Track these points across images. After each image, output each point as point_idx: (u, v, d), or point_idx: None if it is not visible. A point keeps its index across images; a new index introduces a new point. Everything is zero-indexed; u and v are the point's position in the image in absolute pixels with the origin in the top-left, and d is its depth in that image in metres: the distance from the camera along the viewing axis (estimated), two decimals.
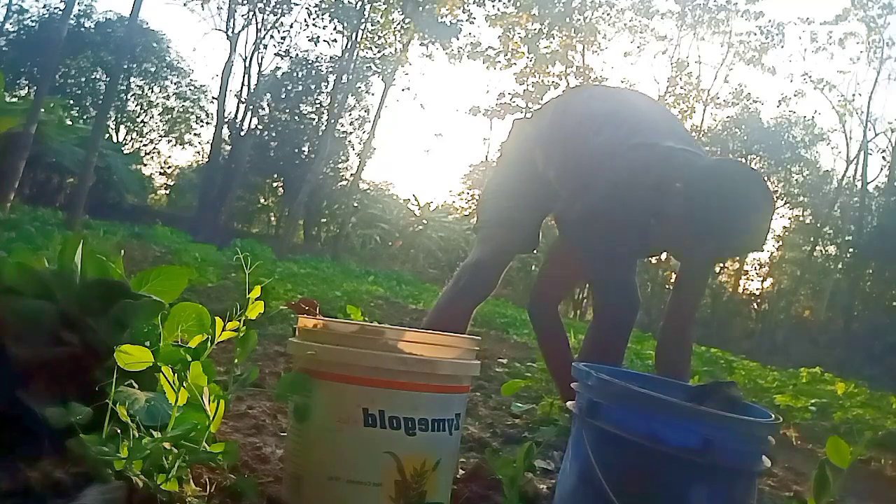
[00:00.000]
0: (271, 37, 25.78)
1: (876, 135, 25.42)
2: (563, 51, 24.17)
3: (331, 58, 26.87)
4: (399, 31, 24.24)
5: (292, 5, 24.78)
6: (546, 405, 2.91)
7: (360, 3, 23.87)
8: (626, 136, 1.85)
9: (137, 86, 30.84)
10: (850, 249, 25.42)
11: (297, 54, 26.99)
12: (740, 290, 28.46)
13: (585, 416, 1.26)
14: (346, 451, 1.39)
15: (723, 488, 1.17)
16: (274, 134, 27.89)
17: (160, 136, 32.81)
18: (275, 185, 30.82)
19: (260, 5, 24.52)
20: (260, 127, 27.86)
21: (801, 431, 4.24)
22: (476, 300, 2.06)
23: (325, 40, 26.82)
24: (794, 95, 26.27)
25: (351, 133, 29.14)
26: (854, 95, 26.65)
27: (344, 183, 28.76)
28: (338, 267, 17.62)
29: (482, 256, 2.02)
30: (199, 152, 33.15)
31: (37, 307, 1.55)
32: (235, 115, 26.25)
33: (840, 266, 26.55)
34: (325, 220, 30.80)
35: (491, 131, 62.84)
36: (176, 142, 32.97)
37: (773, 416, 1.26)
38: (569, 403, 1.36)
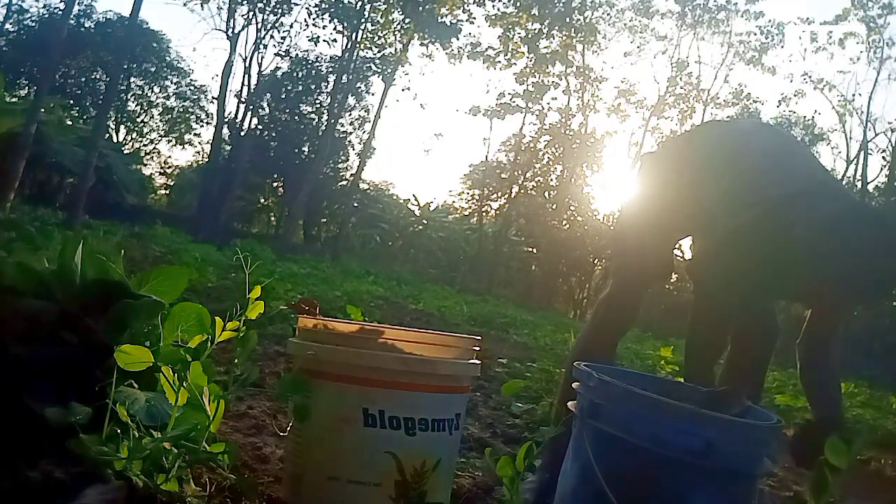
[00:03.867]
0: (271, 37, 25.77)
1: (876, 135, 25.43)
2: (563, 51, 24.16)
3: (331, 58, 26.91)
4: (399, 31, 24.25)
5: (292, 5, 24.76)
6: (546, 405, 2.91)
7: (360, 3, 23.87)
8: (744, 186, 1.79)
9: (137, 86, 30.85)
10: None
11: (297, 54, 27.01)
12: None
13: (586, 417, 1.26)
14: (346, 451, 1.39)
15: (724, 491, 1.16)
16: (274, 134, 27.89)
17: (160, 136, 32.85)
18: (275, 185, 30.82)
19: (260, 5, 24.50)
20: (260, 127, 27.85)
21: None
22: (618, 333, 2.00)
23: (325, 40, 26.88)
24: (794, 95, 26.29)
25: (351, 133, 29.18)
26: (854, 95, 26.71)
27: (344, 183, 28.76)
28: (338, 267, 17.61)
29: (619, 287, 1.96)
30: (199, 152, 33.20)
31: (37, 307, 1.55)
32: (235, 115, 26.25)
33: None
34: (325, 220, 30.81)
35: (491, 131, 63.13)
36: (176, 142, 32.99)
37: (774, 417, 1.25)
38: (570, 404, 1.36)
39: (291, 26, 26.29)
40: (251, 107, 26.35)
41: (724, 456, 1.13)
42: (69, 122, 23.10)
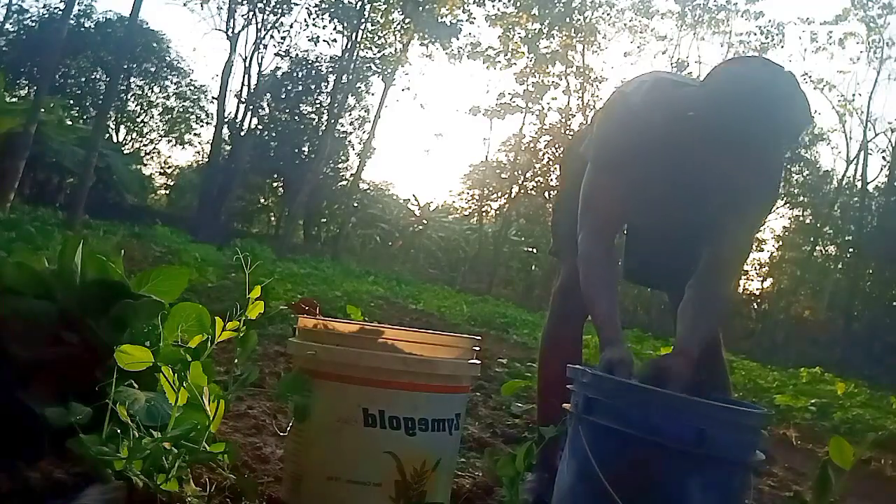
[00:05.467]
0: (271, 37, 25.80)
1: (876, 135, 25.42)
2: (563, 51, 24.15)
3: (331, 58, 26.91)
4: (399, 31, 24.26)
5: (292, 5, 24.79)
6: None
7: (360, 3, 23.87)
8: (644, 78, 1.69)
9: (137, 86, 30.85)
10: (850, 249, 25.41)
11: (297, 54, 27.01)
12: (740, 290, 28.47)
13: (581, 413, 1.27)
14: (346, 451, 1.39)
15: (718, 479, 1.19)
16: (274, 134, 27.88)
17: (160, 136, 32.85)
18: (275, 185, 30.82)
19: (260, 5, 24.52)
20: (260, 127, 27.85)
21: (801, 431, 4.25)
22: (578, 321, 1.98)
23: (325, 40, 26.86)
24: None
25: (351, 133, 29.17)
26: (854, 95, 26.60)
27: (344, 183, 28.76)
28: (338, 267, 17.62)
29: (567, 278, 1.94)
30: (199, 152, 33.20)
31: (37, 307, 1.55)
32: (235, 115, 26.26)
33: (840, 266, 26.53)
34: (325, 220, 30.80)
35: (491, 131, 63.12)
36: (176, 142, 33.01)
37: (763, 409, 1.28)
38: (565, 404, 1.36)
39: (291, 26, 26.25)
40: (251, 107, 26.36)
41: (715, 444, 1.15)
42: (69, 122, 23.12)
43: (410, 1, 22.86)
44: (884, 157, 25.73)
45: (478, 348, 1.59)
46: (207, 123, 31.08)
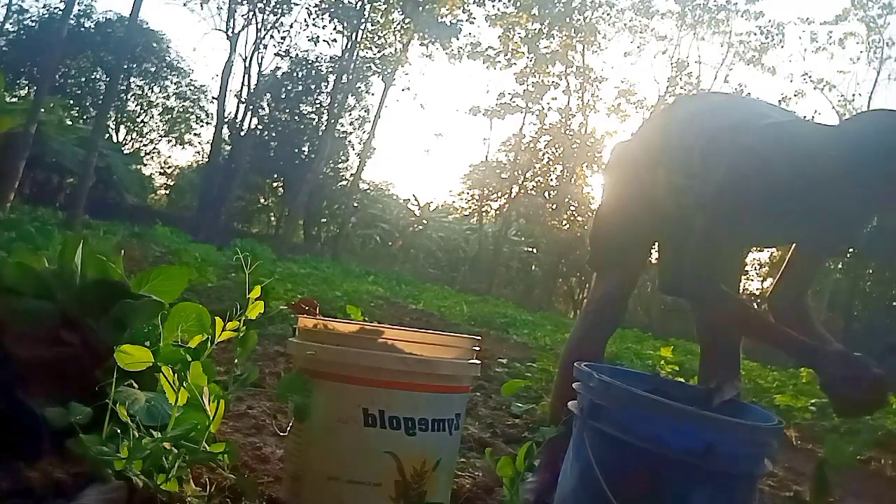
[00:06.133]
0: (271, 37, 25.78)
1: None
2: (563, 51, 24.15)
3: (331, 58, 26.90)
4: (399, 31, 24.27)
5: (292, 5, 24.78)
6: (546, 405, 2.91)
7: (360, 3, 23.88)
8: (750, 116, 1.71)
9: (137, 86, 30.83)
10: (850, 249, 25.41)
11: (297, 54, 27.00)
12: (740, 290, 28.41)
13: (587, 418, 1.26)
14: (346, 451, 1.39)
15: (724, 492, 1.16)
16: (274, 134, 27.88)
17: (160, 136, 32.83)
18: (275, 185, 30.82)
19: (260, 5, 24.51)
20: (260, 127, 27.84)
21: (801, 431, 4.24)
22: (607, 334, 2.03)
23: (325, 40, 26.87)
24: (794, 95, 26.17)
25: (351, 133, 29.16)
26: (854, 95, 26.56)
27: (344, 183, 28.76)
28: (338, 267, 17.62)
29: (606, 291, 1.99)
30: (199, 152, 33.18)
31: (37, 307, 1.55)
32: (235, 115, 26.24)
33: (840, 266, 26.54)
34: (325, 220, 30.79)
35: (491, 131, 63.12)
36: (176, 142, 32.98)
37: (775, 418, 1.25)
38: (570, 404, 1.36)
39: (291, 26, 26.23)
40: (251, 107, 26.35)
41: (724, 457, 1.13)
42: (69, 122, 23.11)
43: (410, 1, 22.87)
44: None
45: (478, 348, 1.59)
46: (207, 123, 31.08)
